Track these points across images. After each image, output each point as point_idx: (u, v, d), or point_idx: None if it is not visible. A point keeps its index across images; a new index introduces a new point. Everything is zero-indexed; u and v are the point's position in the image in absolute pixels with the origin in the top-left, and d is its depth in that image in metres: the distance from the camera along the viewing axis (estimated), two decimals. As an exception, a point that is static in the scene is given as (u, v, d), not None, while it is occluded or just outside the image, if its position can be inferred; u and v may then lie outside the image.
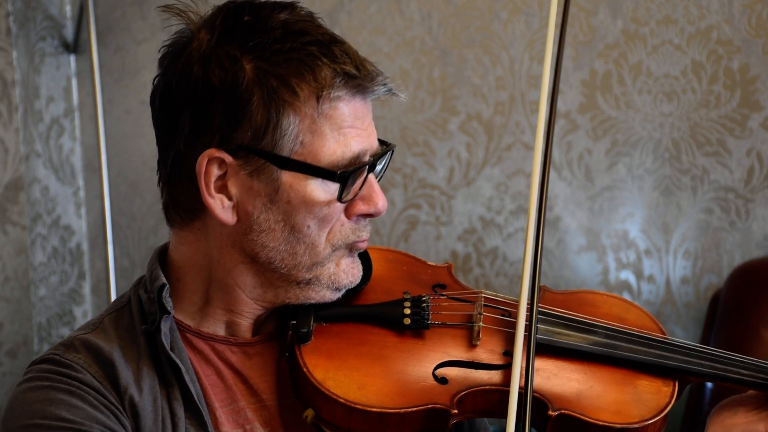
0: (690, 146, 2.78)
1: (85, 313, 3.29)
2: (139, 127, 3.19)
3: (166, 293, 1.40)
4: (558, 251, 2.90)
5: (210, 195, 1.36)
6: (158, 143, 1.43)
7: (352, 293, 1.48)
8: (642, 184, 2.82)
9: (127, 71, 3.21)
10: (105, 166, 3.13)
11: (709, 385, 2.56)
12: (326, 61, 1.34)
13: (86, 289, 3.29)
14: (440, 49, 2.93)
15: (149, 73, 3.18)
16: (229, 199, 1.37)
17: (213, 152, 1.34)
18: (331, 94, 1.33)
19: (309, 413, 1.38)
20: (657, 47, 2.78)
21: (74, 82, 3.24)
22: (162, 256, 1.49)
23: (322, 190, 1.36)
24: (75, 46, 3.20)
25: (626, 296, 2.79)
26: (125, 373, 1.37)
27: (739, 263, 2.73)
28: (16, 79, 2.96)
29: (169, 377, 1.39)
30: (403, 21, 2.95)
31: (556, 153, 2.87)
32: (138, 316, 1.43)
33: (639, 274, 2.85)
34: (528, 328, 1.36)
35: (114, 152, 3.21)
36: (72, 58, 3.22)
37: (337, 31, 1.45)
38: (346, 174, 1.35)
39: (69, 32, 3.19)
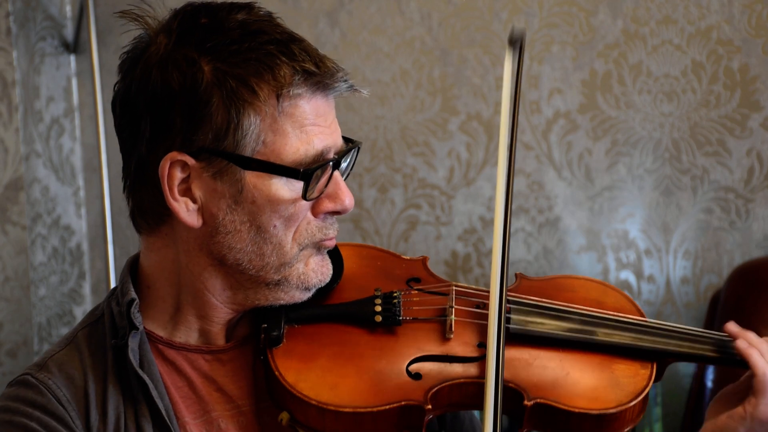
0: (690, 146, 2.78)
1: (85, 313, 3.29)
2: (139, 127, 3.19)
3: (135, 308, 1.40)
4: (558, 251, 2.90)
5: (174, 198, 1.36)
6: (121, 150, 1.42)
7: (324, 292, 1.47)
8: (642, 184, 2.82)
9: (127, 71, 3.21)
10: (105, 166, 3.13)
11: (709, 384, 2.56)
12: (285, 60, 1.33)
13: (86, 289, 3.29)
14: (440, 49, 2.93)
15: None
16: (194, 201, 1.37)
17: (175, 155, 1.34)
18: (291, 92, 1.33)
19: (284, 416, 1.39)
20: (657, 47, 2.78)
21: (74, 82, 3.24)
22: (134, 265, 1.49)
23: (287, 188, 1.36)
24: (75, 46, 3.19)
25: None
26: (92, 399, 1.39)
27: (739, 263, 2.73)
28: (16, 79, 2.96)
29: (137, 394, 1.39)
30: (403, 21, 2.95)
31: (556, 153, 2.87)
32: (109, 330, 1.44)
33: (639, 274, 2.85)
34: (498, 319, 1.35)
35: (114, 152, 3.21)
36: (72, 58, 3.22)
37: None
38: (309, 171, 1.35)
39: (69, 32, 3.19)
